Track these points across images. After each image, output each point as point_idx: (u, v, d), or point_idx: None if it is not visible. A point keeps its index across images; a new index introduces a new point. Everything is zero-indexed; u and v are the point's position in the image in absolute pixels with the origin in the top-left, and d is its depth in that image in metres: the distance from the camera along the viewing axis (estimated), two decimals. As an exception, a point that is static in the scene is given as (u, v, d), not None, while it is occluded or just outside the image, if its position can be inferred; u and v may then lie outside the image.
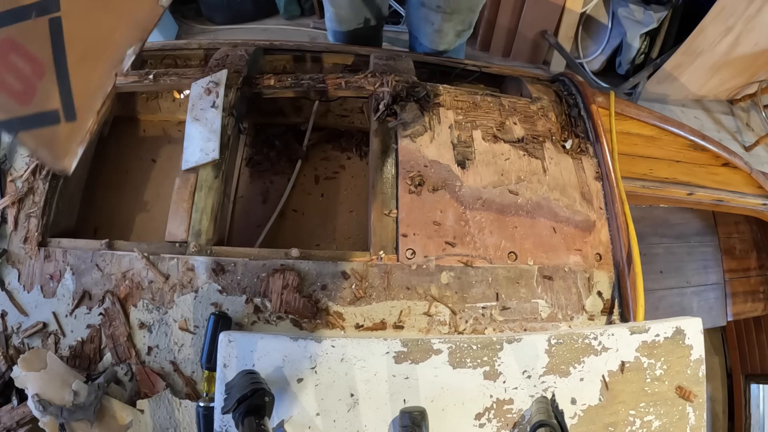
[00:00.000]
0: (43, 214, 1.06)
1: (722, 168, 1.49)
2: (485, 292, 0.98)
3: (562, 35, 2.75)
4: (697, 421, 0.91)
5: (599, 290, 1.03)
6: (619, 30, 2.70)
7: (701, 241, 2.15)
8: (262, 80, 1.17)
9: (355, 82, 1.15)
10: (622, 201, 1.09)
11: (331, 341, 0.84)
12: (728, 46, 2.42)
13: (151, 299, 0.97)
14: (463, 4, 1.48)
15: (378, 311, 0.96)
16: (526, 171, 1.09)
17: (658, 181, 1.39)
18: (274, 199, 1.38)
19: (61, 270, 1.01)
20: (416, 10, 1.57)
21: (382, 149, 1.07)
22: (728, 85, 2.87)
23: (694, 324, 0.92)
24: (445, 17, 1.51)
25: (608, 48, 2.81)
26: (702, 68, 2.61)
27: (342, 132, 1.50)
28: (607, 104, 1.27)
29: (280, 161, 1.44)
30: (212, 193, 1.03)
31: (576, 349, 0.88)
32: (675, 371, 0.91)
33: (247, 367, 0.83)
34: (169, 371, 0.96)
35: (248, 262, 0.97)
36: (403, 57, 1.34)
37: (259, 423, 0.70)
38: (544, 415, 0.81)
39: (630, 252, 1.03)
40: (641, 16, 2.56)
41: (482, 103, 1.17)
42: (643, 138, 1.38)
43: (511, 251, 1.01)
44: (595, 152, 1.17)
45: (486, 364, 0.86)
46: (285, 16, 2.96)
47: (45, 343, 1.00)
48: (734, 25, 2.28)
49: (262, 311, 0.95)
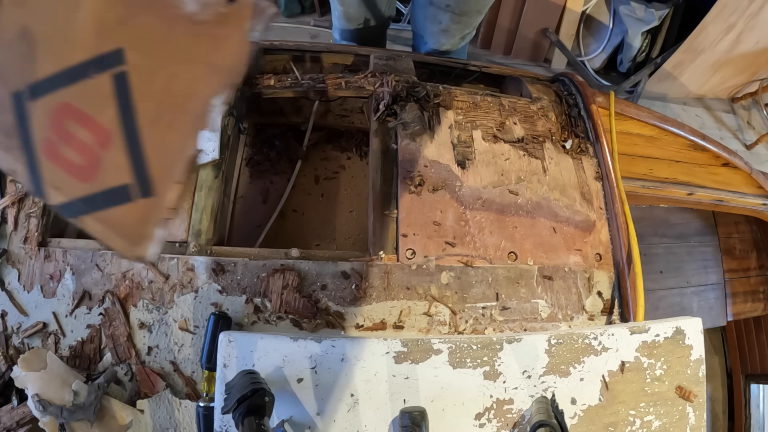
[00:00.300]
0: (43, 214, 1.06)
1: (722, 168, 1.49)
2: (485, 292, 0.98)
3: (563, 33, 2.75)
4: (697, 421, 0.91)
5: (599, 290, 1.03)
6: (621, 28, 2.70)
7: (701, 241, 2.15)
8: (262, 80, 1.17)
9: (355, 82, 1.15)
10: (622, 201, 1.09)
11: (331, 341, 0.84)
12: (730, 44, 2.42)
13: (151, 299, 0.97)
14: (473, 5, 1.48)
15: (378, 311, 0.96)
16: (526, 171, 1.09)
17: (658, 181, 1.39)
18: (274, 199, 1.38)
19: (61, 270, 1.01)
20: (423, 9, 1.56)
21: (382, 149, 1.07)
22: (729, 84, 2.87)
23: (694, 324, 0.92)
24: (454, 17, 1.50)
25: (609, 46, 2.81)
26: (703, 66, 2.61)
27: (342, 132, 1.50)
28: (607, 104, 1.27)
29: (280, 161, 1.44)
30: (212, 193, 1.03)
31: (576, 349, 0.88)
32: (675, 371, 0.91)
33: (247, 367, 0.83)
34: (169, 371, 0.96)
35: (248, 262, 0.97)
36: (403, 57, 1.34)
37: (259, 423, 0.70)
38: (544, 415, 0.81)
39: (630, 252, 1.03)
40: (643, 13, 2.56)
41: (482, 103, 1.17)
42: (643, 138, 1.38)
43: (511, 251, 1.01)
44: (595, 152, 1.17)
45: (486, 364, 0.86)
46: (285, 14, 2.96)
47: (45, 343, 1.00)
48: (736, 23, 2.28)
49: (262, 311, 0.95)
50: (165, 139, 0.70)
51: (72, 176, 0.72)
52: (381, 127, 1.09)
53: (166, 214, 0.71)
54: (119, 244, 0.72)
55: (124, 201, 0.71)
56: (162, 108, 0.70)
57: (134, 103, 0.69)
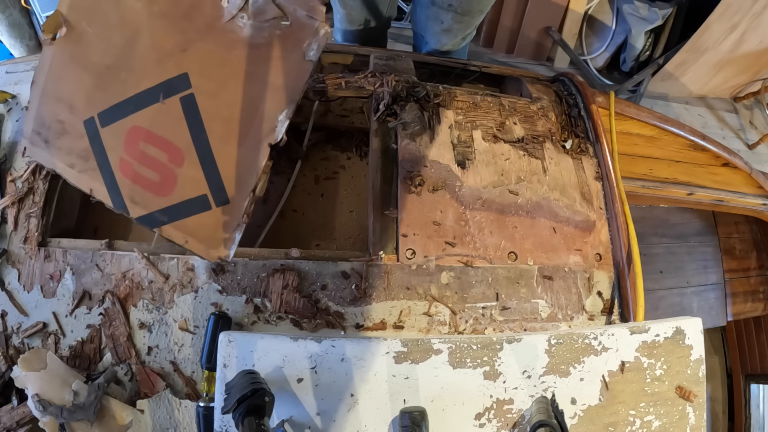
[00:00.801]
0: (43, 214, 1.05)
1: (722, 168, 1.49)
2: (485, 292, 0.98)
3: (566, 32, 2.75)
4: (697, 421, 0.91)
5: (599, 290, 1.03)
6: (624, 27, 2.70)
7: (701, 241, 2.15)
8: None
9: (355, 82, 1.15)
10: (622, 201, 1.09)
11: (331, 341, 0.84)
12: (733, 44, 2.42)
13: (151, 299, 0.97)
14: (475, 5, 1.48)
15: (378, 311, 0.96)
16: (526, 171, 1.09)
17: (658, 181, 1.39)
18: (274, 199, 1.38)
19: (61, 270, 1.01)
20: (425, 9, 1.56)
21: (382, 149, 1.07)
22: (732, 83, 2.87)
23: (694, 324, 0.92)
24: (456, 17, 1.50)
25: (612, 45, 2.80)
26: (706, 66, 2.61)
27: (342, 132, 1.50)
28: (607, 104, 1.27)
29: (280, 161, 1.44)
30: (212, 193, 1.03)
31: (576, 349, 0.88)
32: (675, 371, 0.91)
33: (247, 367, 0.83)
34: (169, 371, 0.96)
35: (248, 262, 0.97)
36: (403, 57, 1.34)
37: (259, 423, 0.70)
38: (544, 415, 0.81)
39: (630, 252, 1.03)
40: (646, 13, 2.55)
41: (482, 103, 1.17)
42: (643, 138, 1.38)
43: (511, 251, 1.01)
44: (595, 152, 1.17)
45: (486, 364, 0.86)
46: None
47: (45, 343, 1.00)
48: (739, 23, 2.28)
49: (262, 311, 0.95)
50: (236, 153, 0.76)
51: (149, 191, 0.78)
52: (381, 127, 1.09)
53: (241, 219, 0.78)
54: (199, 247, 0.80)
55: (203, 209, 0.78)
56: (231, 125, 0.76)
57: (204, 123, 0.76)
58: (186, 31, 0.75)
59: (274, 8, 0.72)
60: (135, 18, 0.76)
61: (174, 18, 0.75)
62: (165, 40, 0.76)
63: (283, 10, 0.72)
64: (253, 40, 0.74)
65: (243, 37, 0.74)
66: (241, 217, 0.77)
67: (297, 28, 0.73)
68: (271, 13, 0.73)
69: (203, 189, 0.77)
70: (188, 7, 0.75)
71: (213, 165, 0.76)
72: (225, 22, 0.74)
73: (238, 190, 0.77)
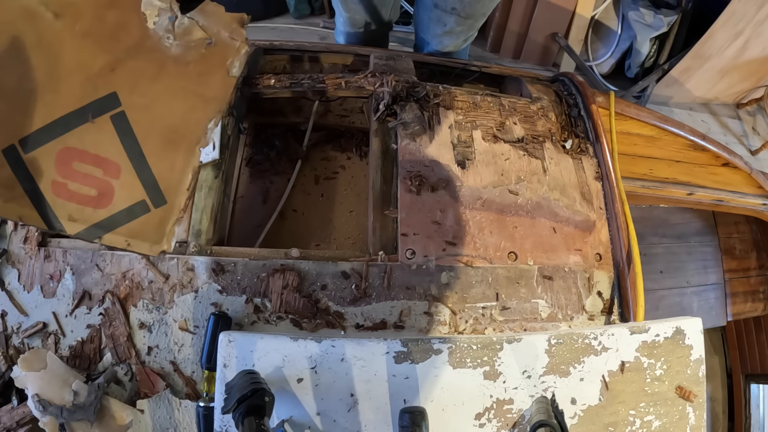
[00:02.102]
0: (43, 214, 1.05)
1: (722, 168, 1.49)
2: (485, 292, 0.98)
3: (572, 38, 2.76)
4: (697, 421, 0.91)
5: (599, 290, 1.03)
6: (629, 33, 2.72)
7: (701, 241, 2.15)
8: (262, 80, 1.17)
9: (354, 82, 1.15)
10: (622, 201, 1.09)
11: (331, 341, 0.84)
12: (737, 51, 2.44)
13: (151, 299, 0.97)
14: (478, 9, 1.48)
15: (378, 311, 0.96)
16: (526, 171, 1.09)
17: (658, 181, 1.40)
18: (274, 199, 1.38)
19: (61, 270, 1.01)
20: (428, 11, 1.56)
21: (382, 149, 1.07)
22: (735, 89, 2.90)
23: (694, 324, 0.92)
24: (459, 20, 1.50)
25: (618, 51, 2.82)
26: (710, 72, 2.64)
27: (342, 132, 1.50)
28: (607, 104, 1.27)
29: (280, 161, 1.44)
30: (212, 193, 1.03)
31: (576, 349, 0.88)
32: (675, 371, 0.91)
33: (247, 367, 0.83)
34: (169, 371, 0.96)
35: (248, 262, 0.97)
36: (403, 57, 1.34)
37: (259, 423, 0.70)
38: (544, 415, 0.81)
39: (630, 252, 1.03)
40: (651, 20, 2.56)
41: (482, 103, 1.17)
42: (643, 138, 1.38)
43: (511, 251, 1.01)
44: (595, 152, 1.17)
45: (486, 364, 0.86)
46: (295, 15, 2.96)
47: (45, 343, 1.00)
48: (743, 30, 2.31)
49: (262, 311, 0.95)
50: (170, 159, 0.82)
51: (88, 206, 0.80)
52: (381, 127, 1.09)
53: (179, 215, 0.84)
54: (142, 246, 0.84)
55: (142, 213, 0.82)
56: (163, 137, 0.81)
57: (137, 136, 0.80)
58: (114, 51, 0.78)
59: (200, 30, 0.81)
60: (55, 38, 0.75)
61: (99, 38, 0.77)
62: (92, 60, 0.77)
63: (207, 32, 0.81)
64: (181, 58, 0.81)
65: (171, 56, 0.80)
66: (179, 212, 0.83)
67: (221, 48, 0.82)
68: (196, 34, 0.81)
69: (141, 195, 0.81)
70: (114, 28, 0.77)
71: (149, 173, 0.81)
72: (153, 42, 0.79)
73: (174, 191, 0.83)
